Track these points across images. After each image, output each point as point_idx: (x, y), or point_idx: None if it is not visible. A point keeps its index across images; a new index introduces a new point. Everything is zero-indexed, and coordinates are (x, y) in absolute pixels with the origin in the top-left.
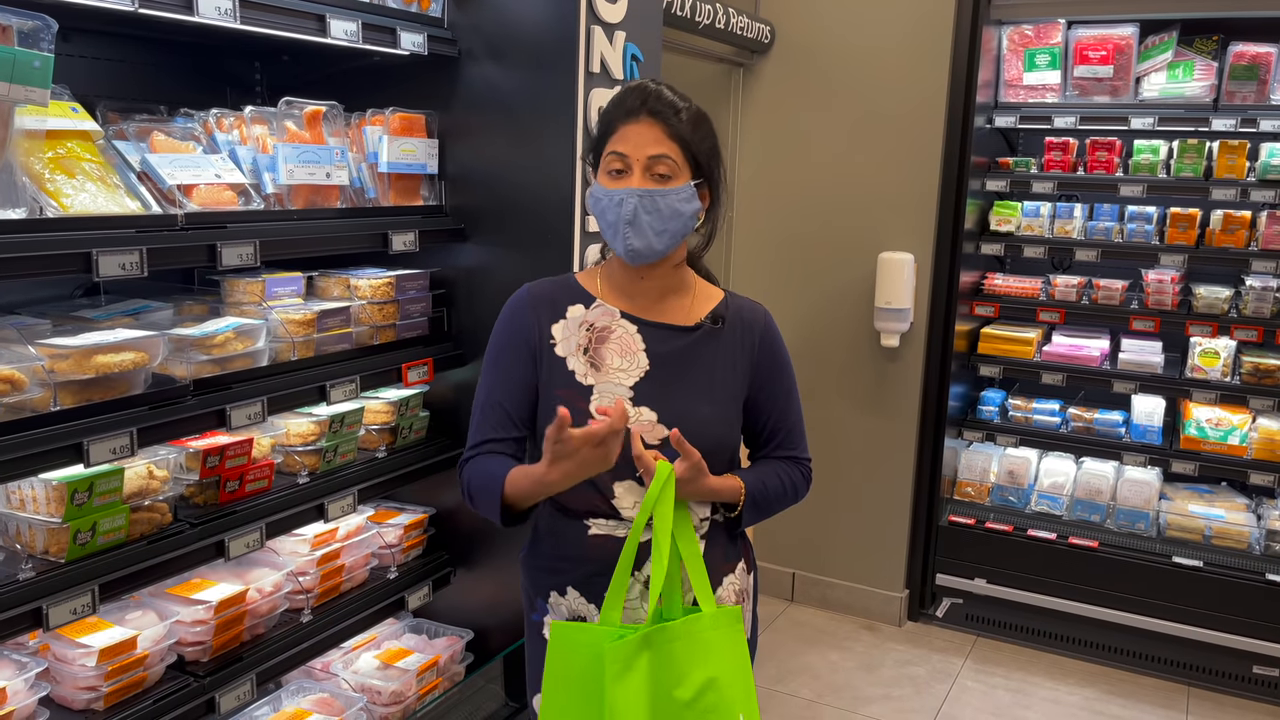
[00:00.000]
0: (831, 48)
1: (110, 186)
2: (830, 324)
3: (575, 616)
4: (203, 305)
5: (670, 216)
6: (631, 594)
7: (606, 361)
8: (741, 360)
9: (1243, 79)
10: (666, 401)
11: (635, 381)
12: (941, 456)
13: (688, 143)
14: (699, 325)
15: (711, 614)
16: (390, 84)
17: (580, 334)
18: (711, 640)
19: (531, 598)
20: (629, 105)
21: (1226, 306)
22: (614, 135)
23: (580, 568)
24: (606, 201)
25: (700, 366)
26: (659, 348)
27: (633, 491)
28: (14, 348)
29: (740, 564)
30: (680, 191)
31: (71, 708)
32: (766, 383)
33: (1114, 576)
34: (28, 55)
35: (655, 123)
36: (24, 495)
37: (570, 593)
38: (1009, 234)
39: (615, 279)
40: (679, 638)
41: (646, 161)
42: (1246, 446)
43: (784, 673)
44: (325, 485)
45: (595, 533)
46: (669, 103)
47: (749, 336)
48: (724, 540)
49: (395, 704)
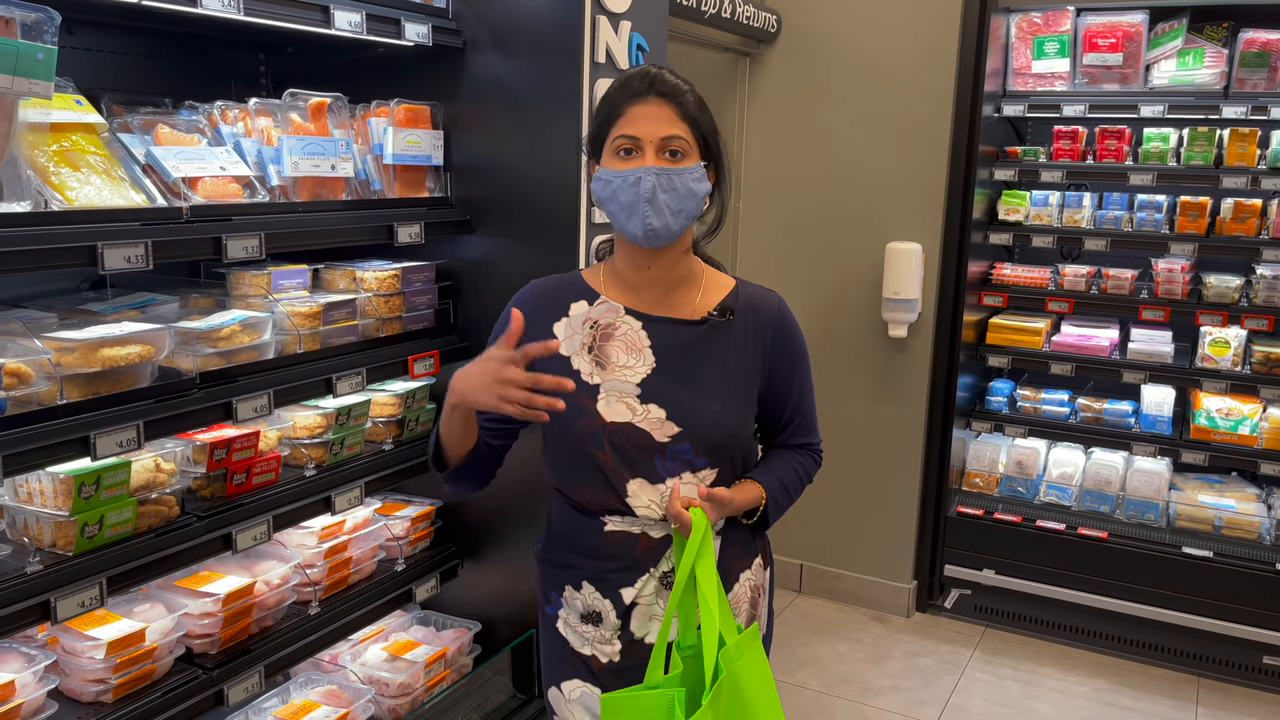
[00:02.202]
0: (838, 36)
1: (115, 179)
2: (838, 315)
3: (590, 611)
4: (209, 298)
5: (686, 195)
6: (646, 590)
7: (612, 359)
8: (755, 351)
9: (1253, 66)
10: (674, 398)
11: (642, 379)
12: (950, 447)
13: (697, 123)
14: (706, 318)
15: (735, 644)
16: (395, 75)
17: (585, 332)
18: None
19: (546, 591)
20: (636, 88)
21: (1237, 296)
22: (621, 118)
23: (596, 564)
24: (620, 182)
25: (709, 360)
26: (665, 343)
27: (645, 489)
28: (20, 341)
29: (757, 559)
30: (694, 170)
31: (80, 700)
32: (782, 372)
33: (1123, 567)
34: (31, 48)
35: (665, 103)
36: (31, 489)
37: (585, 587)
38: (1017, 223)
39: (620, 272)
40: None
41: (659, 142)
42: (1257, 436)
43: (793, 664)
44: (332, 478)
45: (611, 529)
46: (675, 84)
47: (762, 327)
48: (742, 536)
49: (403, 696)
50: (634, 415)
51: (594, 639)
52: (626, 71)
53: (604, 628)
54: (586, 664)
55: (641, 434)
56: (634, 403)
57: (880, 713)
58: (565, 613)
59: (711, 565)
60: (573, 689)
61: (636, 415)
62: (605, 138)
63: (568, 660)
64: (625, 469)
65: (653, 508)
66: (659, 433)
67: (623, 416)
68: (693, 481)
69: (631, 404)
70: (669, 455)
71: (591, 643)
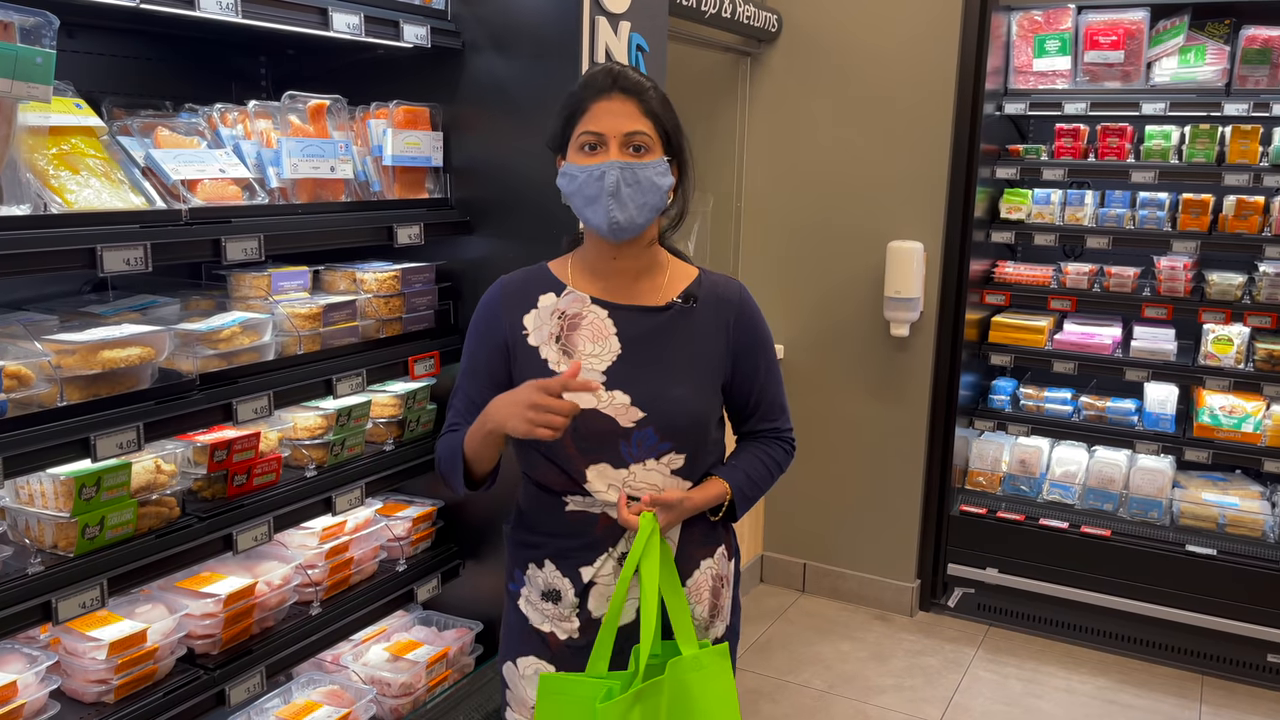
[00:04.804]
0: (839, 36)
1: (115, 182)
2: (839, 314)
3: (550, 589)
4: (209, 300)
5: (649, 189)
6: (604, 570)
7: (579, 348)
8: (718, 338)
9: (1255, 63)
10: (639, 384)
11: (608, 366)
12: (952, 446)
13: (659, 118)
14: (670, 305)
15: (693, 655)
16: (394, 77)
17: (552, 322)
18: (695, 683)
19: (511, 569)
20: (599, 84)
21: (1240, 293)
22: (585, 114)
23: (558, 542)
24: (585, 176)
25: (674, 346)
26: (630, 330)
27: (604, 475)
28: (21, 343)
29: (720, 549)
30: (657, 165)
31: (82, 700)
32: (746, 358)
33: (1127, 565)
34: (30, 52)
35: (628, 99)
36: (32, 490)
37: (547, 565)
38: (1019, 222)
39: (588, 262)
40: (668, 690)
41: (623, 138)
42: (1260, 434)
43: (796, 663)
44: (333, 479)
45: (572, 509)
46: (638, 81)
47: (725, 313)
48: (704, 523)
49: (405, 696)
50: (599, 401)
51: (553, 616)
52: (589, 70)
53: (562, 605)
54: (544, 640)
55: (606, 419)
56: (599, 390)
57: (883, 712)
58: (527, 590)
59: (655, 569)
60: (528, 665)
61: (601, 401)
62: (570, 134)
63: (525, 636)
64: (585, 456)
65: (612, 492)
66: (623, 418)
67: (588, 403)
68: (657, 468)
69: (597, 391)
70: (634, 441)
71: (550, 619)
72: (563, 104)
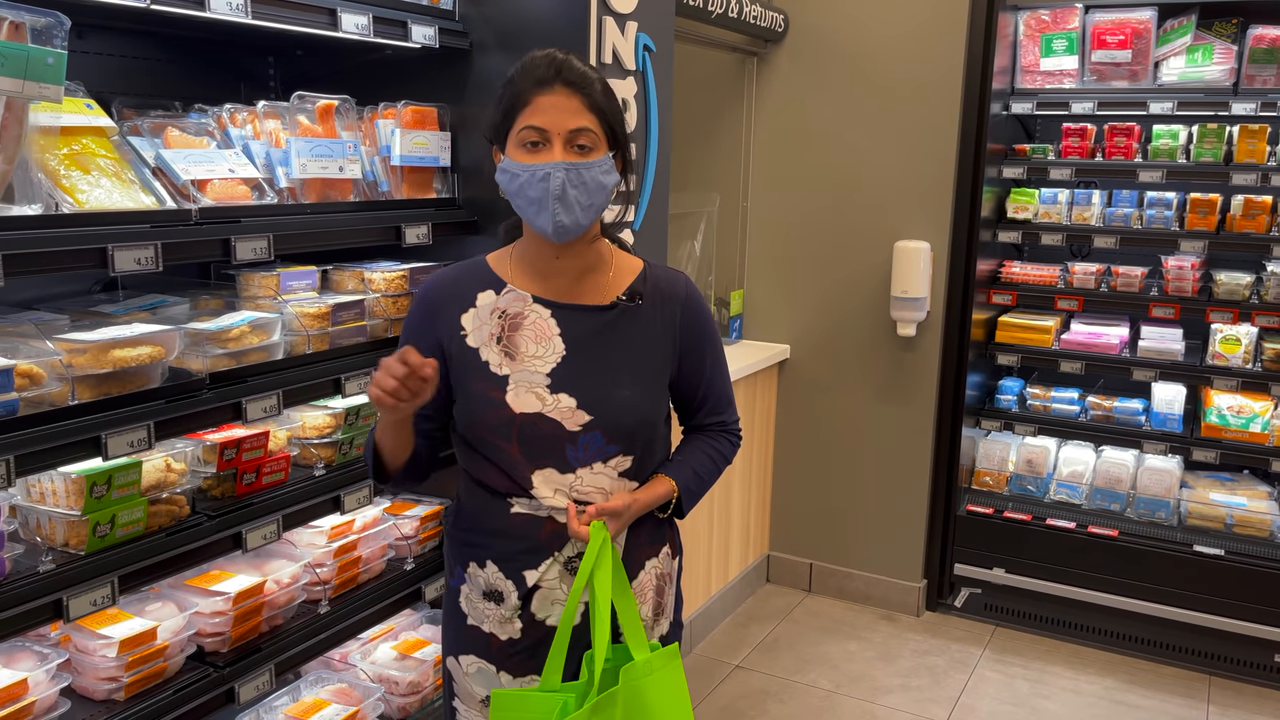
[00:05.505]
0: (846, 36)
1: (125, 182)
2: (846, 314)
3: (491, 590)
4: (218, 299)
5: (595, 190)
6: (550, 574)
7: (521, 349)
8: (664, 333)
9: (1263, 62)
10: (585, 386)
11: (552, 368)
12: (959, 446)
13: (605, 114)
14: (615, 304)
15: (645, 660)
16: (402, 77)
17: (493, 322)
18: (649, 688)
19: (452, 565)
20: (542, 75)
21: (1248, 293)
22: (527, 108)
23: (502, 544)
24: (527, 177)
25: (619, 345)
26: (574, 330)
27: (550, 480)
28: (32, 343)
29: (664, 548)
30: (603, 163)
31: (93, 698)
32: (693, 353)
33: (1134, 565)
34: (41, 52)
35: (573, 94)
36: (44, 488)
37: (490, 566)
38: (1026, 221)
39: (529, 259)
40: (622, 699)
41: (567, 135)
42: (1268, 434)
43: (802, 663)
44: (341, 477)
45: (517, 511)
46: (583, 73)
47: (670, 308)
48: (649, 524)
49: (413, 694)
50: (544, 405)
51: (494, 617)
52: (531, 54)
53: (504, 607)
54: (485, 642)
55: (552, 424)
56: (544, 393)
57: (890, 711)
58: (468, 588)
59: (608, 579)
60: (470, 663)
61: (546, 405)
62: (509, 127)
63: (467, 634)
64: (530, 462)
65: (559, 498)
66: (569, 422)
67: (532, 407)
68: (604, 471)
69: (541, 394)
70: (580, 444)
71: (491, 620)
72: (502, 93)
